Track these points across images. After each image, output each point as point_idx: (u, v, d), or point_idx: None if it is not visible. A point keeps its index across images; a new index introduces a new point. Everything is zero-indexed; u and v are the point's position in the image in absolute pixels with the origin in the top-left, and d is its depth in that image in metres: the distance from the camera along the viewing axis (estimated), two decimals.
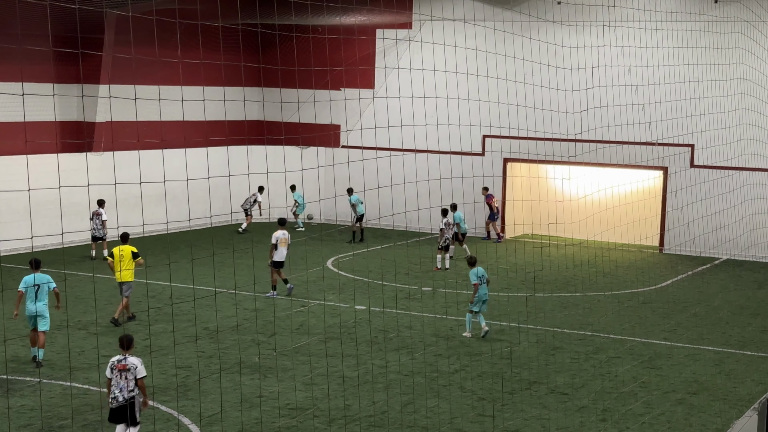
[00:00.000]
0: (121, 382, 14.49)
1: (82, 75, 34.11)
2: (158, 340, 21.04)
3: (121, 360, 14.57)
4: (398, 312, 24.03)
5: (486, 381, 18.85)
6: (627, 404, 17.63)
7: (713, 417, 17.04)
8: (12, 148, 30.20)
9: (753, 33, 33.43)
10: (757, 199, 33.64)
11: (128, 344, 14.84)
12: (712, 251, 34.25)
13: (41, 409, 16.42)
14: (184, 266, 27.74)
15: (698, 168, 34.56)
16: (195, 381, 18.29)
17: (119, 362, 14.56)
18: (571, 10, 35.18)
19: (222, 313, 23.62)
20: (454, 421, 16.50)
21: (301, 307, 24.74)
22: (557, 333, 22.76)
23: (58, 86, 33.61)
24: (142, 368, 14.63)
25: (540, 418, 16.81)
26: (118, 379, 14.49)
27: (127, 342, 14.86)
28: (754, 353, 21.43)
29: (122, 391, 14.46)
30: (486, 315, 22.48)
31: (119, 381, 14.49)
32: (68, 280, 25.86)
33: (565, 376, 19.33)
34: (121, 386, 14.48)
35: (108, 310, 23.74)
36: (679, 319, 24.60)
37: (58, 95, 33.43)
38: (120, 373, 14.50)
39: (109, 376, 14.56)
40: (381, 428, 16.00)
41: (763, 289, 28.87)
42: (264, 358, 20.04)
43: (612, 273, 30.51)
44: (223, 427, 15.92)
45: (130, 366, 14.51)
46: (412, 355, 20.56)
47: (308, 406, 17.08)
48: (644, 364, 20.38)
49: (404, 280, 28.30)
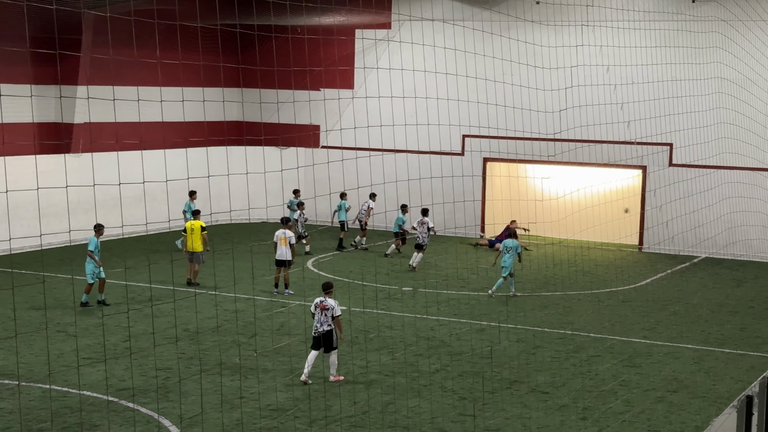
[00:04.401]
0: (321, 317, 18.06)
1: (59, 76, 33.94)
2: (138, 342, 20.98)
3: (323, 301, 18.13)
4: (379, 312, 24.03)
5: (467, 380, 18.88)
6: (607, 402, 17.69)
7: (693, 415, 17.13)
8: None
9: (730, 32, 33.58)
10: (735, 198, 33.79)
11: (327, 288, 18.39)
12: (691, 249, 34.42)
13: (20, 412, 16.34)
14: (164, 267, 27.69)
15: (677, 167, 34.71)
16: (175, 382, 18.24)
17: (321, 302, 18.16)
18: (550, 10, 35.25)
19: (202, 314, 23.57)
20: (435, 420, 16.52)
21: (281, 308, 24.72)
22: (537, 332, 22.81)
23: (36, 87, 33.47)
24: (337, 308, 18.14)
25: (521, 417, 16.85)
26: (320, 316, 18.09)
27: (327, 287, 18.47)
28: (732, 351, 21.55)
29: (322, 325, 18.06)
30: (466, 314, 22.50)
31: (320, 317, 18.09)
32: (47, 282, 25.78)
33: (545, 374, 19.38)
34: (321, 321, 18.07)
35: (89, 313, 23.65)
36: (658, 317, 24.70)
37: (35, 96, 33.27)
38: (321, 311, 18.10)
39: (313, 312, 18.18)
40: (362, 428, 16.01)
41: (741, 287, 29.03)
42: (244, 358, 20.01)
43: (592, 272, 30.63)
44: (204, 428, 15.89)
45: (329, 306, 18.07)
46: (392, 355, 20.57)
47: (289, 407, 17.06)
48: (624, 362, 20.45)
49: (384, 280, 28.32)
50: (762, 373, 13.30)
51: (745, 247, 33.89)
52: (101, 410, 16.70)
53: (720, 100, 33.86)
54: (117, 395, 17.51)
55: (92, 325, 22.43)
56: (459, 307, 25.19)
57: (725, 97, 33.82)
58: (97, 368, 19.07)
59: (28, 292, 25.42)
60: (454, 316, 24.07)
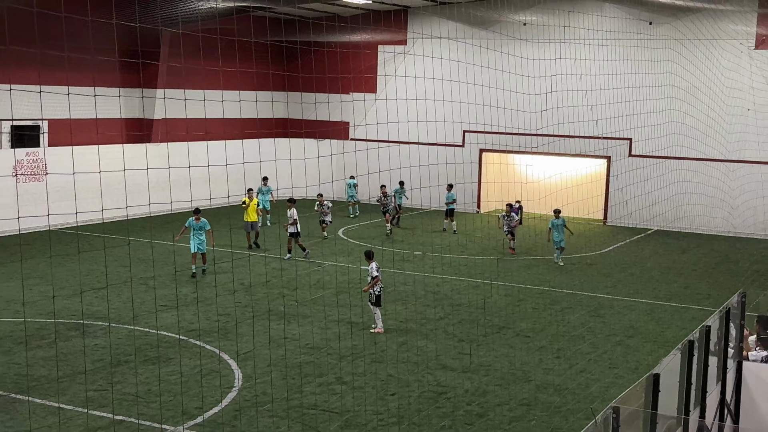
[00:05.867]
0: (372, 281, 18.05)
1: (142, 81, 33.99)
2: (203, 292, 21.08)
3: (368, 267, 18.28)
4: (395, 271, 24.05)
5: (465, 326, 18.89)
6: (577, 345, 17.67)
7: (645, 355, 17.09)
8: (87, 140, 30.15)
9: (680, 49, 33.28)
10: (681, 182, 33.60)
11: (369, 256, 18.52)
12: (646, 223, 34.24)
13: (111, 347, 16.47)
14: (224, 234, 27.77)
15: (635, 157, 34.47)
16: (233, 325, 18.33)
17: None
18: (534, 30, 35.01)
19: (254, 271, 23.64)
20: (439, 357, 16.54)
21: (317, 267, 24.76)
22: (521, 288, 22.78)
23: (123, 90, 33.54)
24: (374, 271, 18.07)
25: (507, 355, 16.85)
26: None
27: (369, 254, 18.58)
28: (678, 305, 21.46)
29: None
30: (464, 273, 22.47)
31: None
32: (131, 245, 25.91)
33: (527, 322, 19.36)
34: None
35: (165, 269, 23.72)
36: (618, 277, 24.62)
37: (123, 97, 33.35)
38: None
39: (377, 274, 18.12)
40: (381, 363, 16.05)
41: (686, 253, 28.88)
42: (288, 307, 20.08)
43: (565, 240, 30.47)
44: (255, 362, 15.97)
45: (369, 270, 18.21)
46: (405, 305, 20.59)
47: (323, 345, 17.12)
48: (591, 313, 20.41)
49: (399, 245, 28.31)
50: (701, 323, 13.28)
51: (689, 221, 33.70)
52: (174, 346, 16.82)
53: (671, 103, 33.60)
54: (186, 335, 17.61)
55: (167, 279, 22.55)
56: (459, 267, 25.17)
57: (675, 101, 33.56)
58: (170, 313, 19.18)
59: (117, 253, 25.57)
60: (455, 275, 24.06)
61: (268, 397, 14.05)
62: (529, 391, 14.76)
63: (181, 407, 13.50)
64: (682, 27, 33.08)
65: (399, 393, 14.43)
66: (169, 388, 14.38)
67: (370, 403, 13.88)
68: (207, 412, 13.39)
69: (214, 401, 13.85)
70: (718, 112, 32.96)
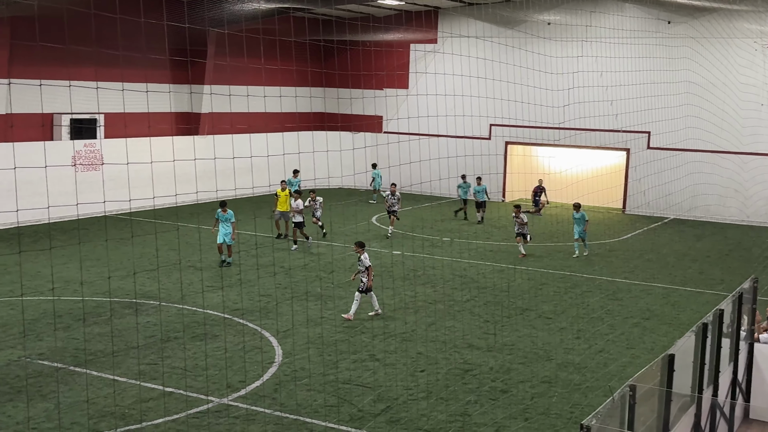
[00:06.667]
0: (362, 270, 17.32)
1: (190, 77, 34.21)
2: (246, 275, 21.21)
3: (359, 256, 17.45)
4: (425, 256, 24.04)
5: (490, 308, 18.84)
6: (596, 326, 17.55)
7: (661, 336, 16.93)
8: (139, 132, 30.45)
9: (697, 47, 32.81)
10: (697, 173, 33.19)
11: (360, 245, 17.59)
12: (663, 212, 33.88)
13: (161, 324, 16.65)
14: (266, 221, 27.91)
15: (653, 149, 34.09)
16: (274, 305, 18.43)
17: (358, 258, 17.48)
18: (558, 29, 34.69)
19: (293, 255, 23.74)
20: (466, 337, 16.52)
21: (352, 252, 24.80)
22: (544, 273, 22.66)
23: (173, 86, 33.79)
24: (366, 261, 17.25)
25: (530, 335, 16.78)
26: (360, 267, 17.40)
27: (361, 244, 17.65)
28: (692, 289, 21.23)
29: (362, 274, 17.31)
30: (490, 258, 22.37)
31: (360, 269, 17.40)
32: (180, 230, 26.15)
33: (549, 304, 19.27)
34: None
35: (211, 253, 23.90)
36: (636, 263, 24.39)
37: (172, 92, 33.59)
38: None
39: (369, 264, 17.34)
40: (411, 342, 16.07)
41: (701, 241, 28.53)
42: (324, 288, 20.16)
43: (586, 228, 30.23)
44: (294, 339, 16.06)
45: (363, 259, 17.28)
46: (434, 288, 20.58)
47: (357, 325, 17.17)
48: (609, 296, 20.26)
49: (429, 232, 28.27)
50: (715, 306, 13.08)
51: (704, 210, 33.29)
52: (219, 324, 16.94)
53: (687, 98, 33.15)
54: (231, 314, 17.74)
55: (213, 262, 22.70)
56: (485, 253, 25.09)
57: (692, 96, 33.11)
58: (216, 293, 19.32)
59: (167, 237, 25.80)
60: (481, 260, 23.98)
61: (305, 372, 14.13)
62: (551, 369, 14.69)
63: (226, 380, 13.63)
64: (699, 26, 32.63)
65: (428, 369, 14.44)
66: (214, 362, 14.51)
67: (400, 379, 13.90)
68: (249, 385, 13.51)
69: (256, 375, 13.96)
70: (732, 106, 32.48)
